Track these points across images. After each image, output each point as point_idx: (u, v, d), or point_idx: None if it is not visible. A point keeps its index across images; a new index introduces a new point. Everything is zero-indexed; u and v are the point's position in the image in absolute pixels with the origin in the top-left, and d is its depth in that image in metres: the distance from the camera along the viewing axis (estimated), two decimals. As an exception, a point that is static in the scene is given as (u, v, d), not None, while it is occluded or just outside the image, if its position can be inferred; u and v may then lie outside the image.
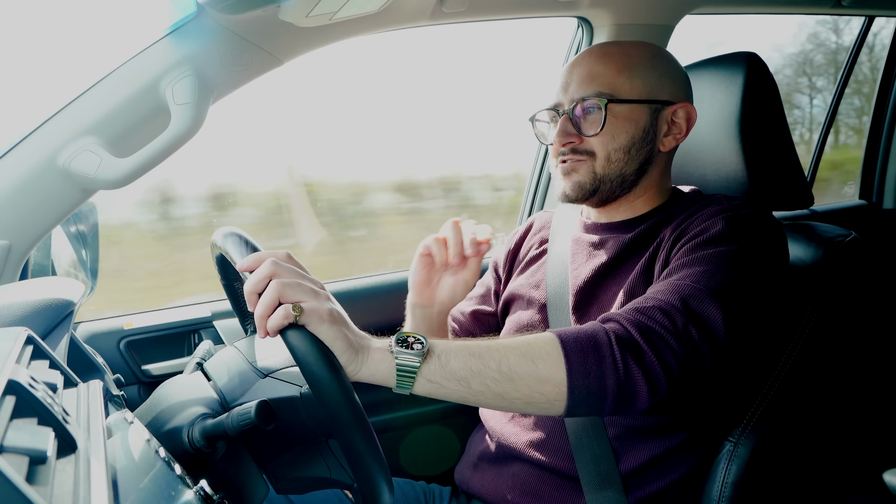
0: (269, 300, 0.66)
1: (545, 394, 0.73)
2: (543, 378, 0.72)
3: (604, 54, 0.98)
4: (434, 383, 0.71)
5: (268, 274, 0.68)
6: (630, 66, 0.97)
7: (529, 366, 0.72)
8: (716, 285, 0.80)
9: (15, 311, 0.70)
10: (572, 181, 0.99)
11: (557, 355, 0.73)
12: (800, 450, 1.02)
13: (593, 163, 0.97)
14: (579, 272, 1.02)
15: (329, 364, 0.65)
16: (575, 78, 0.98)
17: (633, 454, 0.92)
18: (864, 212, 2.29)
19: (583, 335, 0.75)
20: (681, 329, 0.76)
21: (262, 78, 1.11)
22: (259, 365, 0.85)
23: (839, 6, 1.73)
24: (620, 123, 0.96)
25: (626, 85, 0.96)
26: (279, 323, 0.66)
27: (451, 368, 0.71)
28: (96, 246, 1.14)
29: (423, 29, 1.30)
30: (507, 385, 0.72)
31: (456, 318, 1.23)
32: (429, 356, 0.71)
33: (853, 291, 0.99)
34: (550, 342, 0.74)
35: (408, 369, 0.70)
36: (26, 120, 0.98)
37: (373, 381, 0.71)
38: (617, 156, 0.97)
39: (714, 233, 0.86)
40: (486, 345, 0.73)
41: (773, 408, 0.95)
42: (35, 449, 0.40)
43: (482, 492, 1.03)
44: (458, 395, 0.72)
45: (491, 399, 0.73)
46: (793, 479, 1.02)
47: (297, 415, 0.80)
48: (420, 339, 0.71)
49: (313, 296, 0.68)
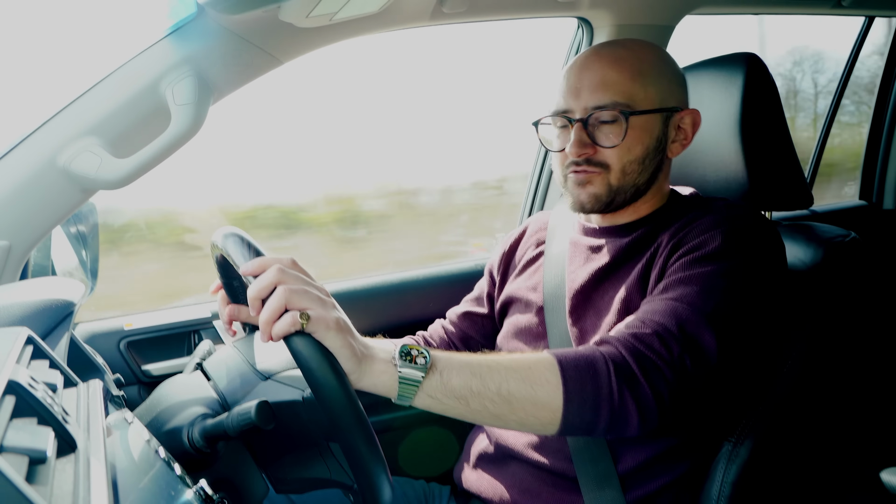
0: (276, 306, 0.66)
1: (540, 418, 0.74)
2: (540, 404, 0.74)
3: (616, 59, 0.95)
4: (434, 399, 0.71)
5: (274, 280, 0.67)
6: (643, 73, 0.94)
7: (528, 390, 0.73)
8: (711, 309, 0.81)
9: (15, 312, 0.70)
10: (588, 193, 0.96)
11: (556, 382, 0.74)
12: (799, 450, 1.02)
13: (608, 175, 0.95)
14: (576, 275, 1.01)
15: (335, 372, 0.65)
16: (587, 84, 0.94)
17: (632, 454, 0.92)
18: (864, 212, 2.29)
19: (582, 362, 0.76)
20: (676, 358, 0.78)
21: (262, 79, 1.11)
22: (259, 366, 0.85)
23: (839, 6, 1.73)
24: (637, 135, 0.94)
25: (640, 93, 0.93)
26: (285, 330, 0.65)
27: (452, 386, 0.71)
28: (96, 246, 1.14)
29: (417, 31, 1.30)
30: (504, 407, 0.73)
31: (451, 319, 1.23)
32: (431, 371, 0.71)
33: (853, 292, 0.99)
34: (550, 367, 0.75)
35: (409, 383, 0.70)
36: (26, 120, 0.98)
37: (374, 390, 0.71)
38: (632, 168, 0.95)
39: (712, 248, 0.86)
40: (486, 364, 0.74)
41: (772, 408, 0.95)
42: (35, 449, 0.40)
43: (481, 491, 1.03)
44: (455, 411, 0.73)
45: (486, 418, 0.74)
46: (792, 479, 1.02)
47: (299, 418, 0.81)
48: (424, 353, 0.71)
49: (320, 304, 0.68)
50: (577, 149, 0.94)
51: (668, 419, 0.78)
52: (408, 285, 1.50)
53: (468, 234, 2.65)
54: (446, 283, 1.53)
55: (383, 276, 1.52)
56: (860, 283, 1.00)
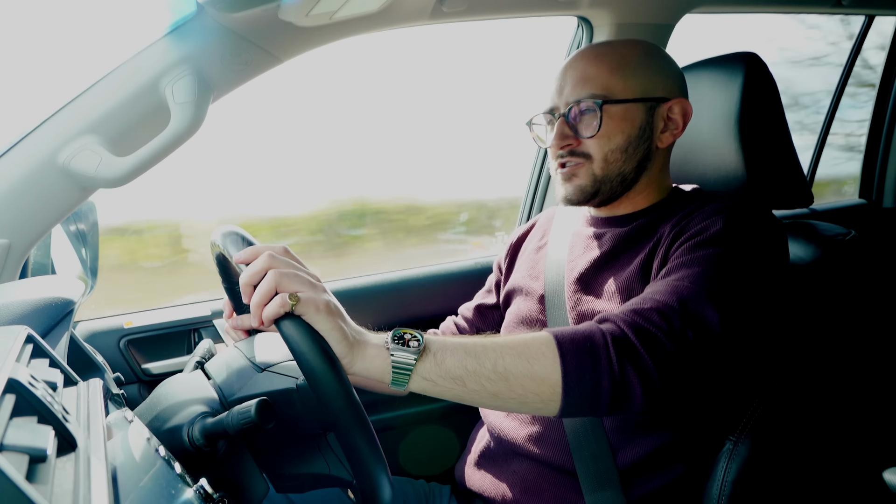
0: (266, 289, 0.67)
1: (540, 394, 0.73)
2: (538, 378, 0.72)
3: (596, 55, 0.99)
4: (429, 381, 0.71)
5: (265, 266, 0.68)
6: (623, 66, 0.97)
7: (525, 366, 0.72)
8: (713, 287, 0.80)
9: (15, 310, 0.70)
10: (573, 185, 1.00)
11: (553, 356, 0.73)
12: (800, 449, 1.02)
13: (591, 165, 0.98)
14: (576, 263, 1.03)
15: (324, 354, 0.65)
16: (569, 81, 0.99)
17: (631, 448, 0.92)
18: (864, 210, 2.29)
19: (579, 336, 0.75)
20: (677, 331, 0.77)
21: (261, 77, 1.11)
22: (258, 361, 0.85)
23: (839, 6, 1.73)
24: (616, 124, 0.97)
25: (619, 85, 0.97)
26: (275, 311, 0.66)
27: (447, 367, 0.71)
28: (96, 245, 1.14)
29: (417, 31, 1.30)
30: (501, 384, 0.72)
31: (463, 314, 1.25)
32: (425, 354, 0.71)
33: (853, 290, 0.99)
34: (546, 342, 0.74)
35: (403, 366, 0.70)
36: (26, 119, 0.98)
37: (367, 375, 0.71)
38: (614, 156, 0.97)
39: (713, 232, 0.86)
40: (482, 343, 0.74)
41: (773, 407, 0.95)
42: (35, 447, 0.40)
43: (482, 490, 1.03)
44: (452, 393, 0.72)
45: (485, 398, 0.73)
46: (793, 478, 1.02)
47: (294, 407, 0.80)
48: (417, 336, 0.71)
49: (310, 287, 0.68)
50: (558, 140, 0.99)
51: (674, 394, 0.76)
52: (408, 284, 1.50)
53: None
54: (447, 281, 1.53)
55: (383, 275, 1.52)
56: (860, 282, 1.00)
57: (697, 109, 1.07)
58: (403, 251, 2.69)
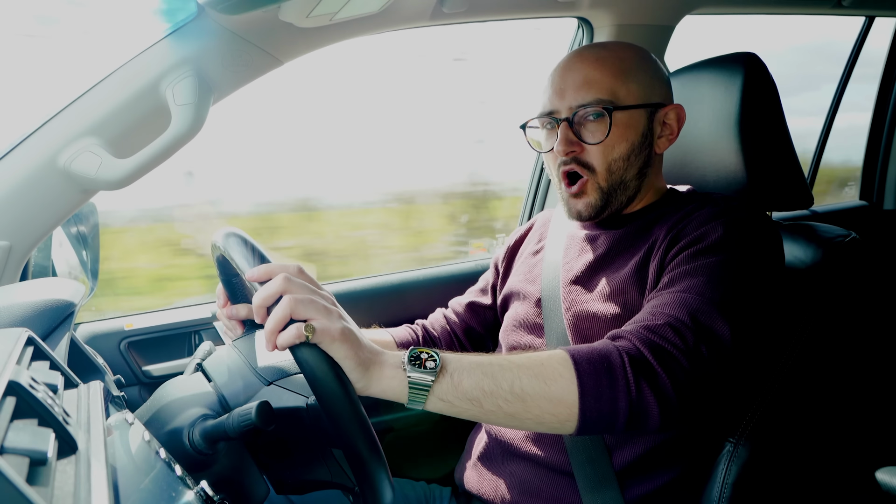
0: (281, 316, 0.65)
1: (557, 415, 0.72)
2: (556, 399, 0.72)
3: (597, 59, 0.98)
4: (446, 402, 0.71)
5: (279, 289, 0.67)
6: (625, 71, 0.97)
7: (542, 386, 0.72)
8: (721, 298, 0.80)
9: (15, 312, 0.70)
10: (584, 202, 0.99)
11: (570, 376, 0.73)
12: (800, 451, 1.02)
13: (596, 179, 0.98)
14: (571, 266, 1.03)
15: (340, 382, 0.65)
16: (570, 84, 0.97)
17: (628, 449, 0.92)
18: (865, 212, 2.29)
19: (596, 355, 0.75)
20: (692, 347, 0.76)
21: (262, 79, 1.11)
22: (259, 367, 0.85)
23: (839, 6, 1.73)
24: (622, 131, 0.96)
25: (623, 90, 0.96)
26: (290, 341, 0.65)
27: (464, 388, 0.71)
28: (97, 247, 1.14)
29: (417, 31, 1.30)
30: (518, 405, 0.71)
31: (454, 308, 1.25)
32: (441, 374, 0.70)
33: (853, 292, 0.99)
34: (563, 362, 0.74)
35: (420, 388, 0.69)
36: (27, 121, 0.98)
37: (384, 396, 0.70)
38: (617, 165, 0.97)
39: (714, 239, 0.86)
40: (498, 363, 0.73)
41: (773, 409, 0.95)
42: (36, 450, 0.40)
43: (481, 491, 1.03)
44: (469, 413, 0.72)
45: (502, 418, 0.72)
46: (793, 480, 1.02)
47: (302, 425, 0.80)
48: (434, 355, 0.71)
49: (325, 314, 0.67)
50: (564, 146, 0.96)
51: (688, 410, 0.76)
52: (408, 284, 1.51)
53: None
54: (446, 282, 1.53)
55: (383, 276, 1.52)
56: (860, 283, 1.00)
57: (697, 110, 1.07)
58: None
